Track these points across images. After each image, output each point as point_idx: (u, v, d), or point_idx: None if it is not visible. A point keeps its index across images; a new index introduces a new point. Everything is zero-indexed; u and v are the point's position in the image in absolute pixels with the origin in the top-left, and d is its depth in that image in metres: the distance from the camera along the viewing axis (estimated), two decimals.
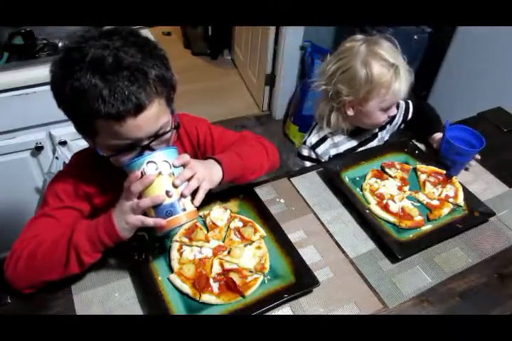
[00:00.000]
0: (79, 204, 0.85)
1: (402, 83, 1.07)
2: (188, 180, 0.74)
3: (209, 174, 0.79)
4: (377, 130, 1.26)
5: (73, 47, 0.69)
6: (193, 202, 0.75)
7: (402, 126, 1.31)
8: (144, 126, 0.71)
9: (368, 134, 1.26)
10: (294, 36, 2.36)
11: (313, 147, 1.21)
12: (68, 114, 0.73)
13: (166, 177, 0.72)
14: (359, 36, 1.14)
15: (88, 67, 0.66)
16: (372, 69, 1.06)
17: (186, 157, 0.75)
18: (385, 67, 1.06)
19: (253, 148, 0.96)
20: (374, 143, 1.27)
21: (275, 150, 1.01)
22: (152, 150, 0.74)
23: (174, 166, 0.73)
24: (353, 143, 1.24)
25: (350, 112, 1.15)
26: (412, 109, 1.28)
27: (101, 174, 0.85)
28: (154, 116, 0.71)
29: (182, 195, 0.73)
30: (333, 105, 1.16)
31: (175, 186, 0.72)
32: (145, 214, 0.73)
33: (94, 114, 0.67)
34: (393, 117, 1.23)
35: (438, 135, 1.18)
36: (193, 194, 0.75)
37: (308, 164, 1.22)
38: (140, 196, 0.72)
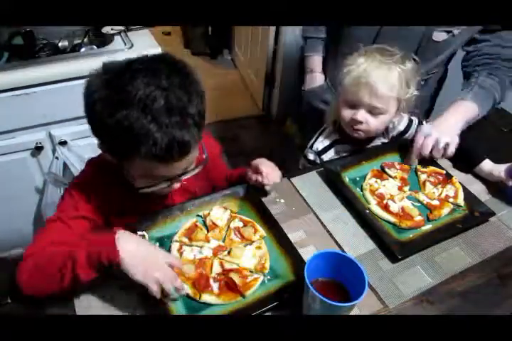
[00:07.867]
0: (94, 215, 0.86)
1: (377, 77, 1.01)
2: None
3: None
4: (382, 139, 1.21)
5: (118, 81, 0.68)
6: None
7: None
8: (183, 166, 0.76)
9: (373, 143, 1.21)
10: (293, 36, 2.35)
11: (319, 153, 1.21)
12: (107, 144, 0.75)
13: None
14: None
15: (138, 107, 0.66)
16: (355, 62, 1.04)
17: None
18: (361, 57, 1.04)
19: None
20: None
21: None
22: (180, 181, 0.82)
23: None
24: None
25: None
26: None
27: (118, 185, 0.86)
28: (193, 156, 0.77)
29: None
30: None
31: None
32: None
33: (140, 152, 0.68)
34: (387, 128, 1.18)
35: (485, 165, 1.08)
36: None
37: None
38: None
